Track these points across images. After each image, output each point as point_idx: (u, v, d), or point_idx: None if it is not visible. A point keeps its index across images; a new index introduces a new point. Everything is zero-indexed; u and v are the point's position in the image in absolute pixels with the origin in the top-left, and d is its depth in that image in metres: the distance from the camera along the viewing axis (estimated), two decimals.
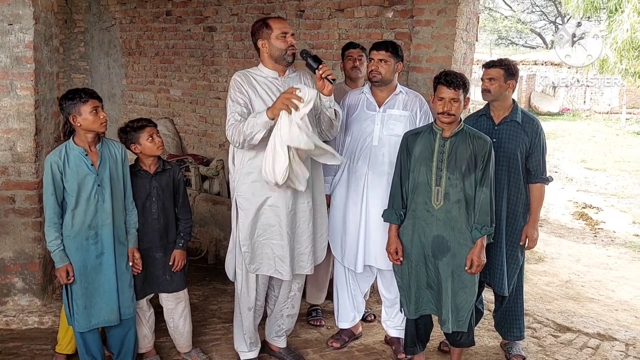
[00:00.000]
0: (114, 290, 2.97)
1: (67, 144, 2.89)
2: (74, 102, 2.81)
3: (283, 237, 3.10)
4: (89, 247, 2.91)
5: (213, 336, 3.74)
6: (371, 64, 3.36)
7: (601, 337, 4.03)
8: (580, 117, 21.00)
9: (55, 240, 2.87)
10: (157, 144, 3.12)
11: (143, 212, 3.14)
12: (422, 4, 4.36)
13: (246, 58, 5.98)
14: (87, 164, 2.87)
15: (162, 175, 3.19)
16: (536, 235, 3.46)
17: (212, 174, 5.78)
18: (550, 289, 5.15)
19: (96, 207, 2.89)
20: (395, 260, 3.14)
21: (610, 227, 8.01)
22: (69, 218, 2.88)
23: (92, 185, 2.88)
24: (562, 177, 11.33)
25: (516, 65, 3.50)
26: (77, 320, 2.94)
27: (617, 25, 13.26)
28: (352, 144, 3.45)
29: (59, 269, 2.88)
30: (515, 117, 3.39)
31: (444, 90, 2.93)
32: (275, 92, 3.07)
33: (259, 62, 3.19)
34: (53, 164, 2.83)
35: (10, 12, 3.53)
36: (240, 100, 3.04)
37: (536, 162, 3.38)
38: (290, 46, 3.06)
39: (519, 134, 3.35)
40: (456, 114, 2.95)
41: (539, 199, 3.44)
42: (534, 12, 32.16)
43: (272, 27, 3.05)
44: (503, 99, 3.40)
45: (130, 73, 7.49)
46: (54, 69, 3.98)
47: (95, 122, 2.84)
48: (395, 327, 3.60)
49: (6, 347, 3.49)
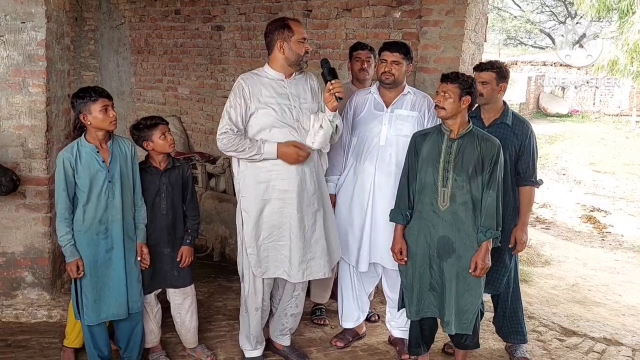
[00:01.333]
0: (122, 284, 3.02)
1: (79, 140, 2.93)
2: (85, 100, 2.85)
3: (291, 239, 3.12)
4: (99, 242, 2.95)
5: (218, 333, 3.77)
6: (384, 65, 3.35)
7: (607, 341, 4.02)
8: (589, 118, 20.87)
9: (66, 235, 2.91)
10: (169, 141, 3.16)
11: (152, 208, 3.17)
12: (430, 4, 4.37)
13: (253, 57, 6.01)
14: (99, 160, 2.91)
15: (171, 172, 3.23)
16: (525, 238, 3.45)
17: (218, 172, 5.81)
18: (556, 293, 5.14)
19: (107, 202, 2.94)
20: (400, 260, 3.15)
21: (618, 231, 7.97)
22: (80, 213, 2.91)
23: (103, 182, 2.92)
24: (570, 179, 11.29)
25: (507, 67, 3.50)
26: (86, 313, 2.98)
27: (628, 26, 13.17)
28: (358, 144, 3.46)
29: (70, 263, 2.92)
30: (505, 119, 3.38)
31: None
32: (282, 94, 3.09)
33: (266, 61, 3.19)
34: (65, 160, 2.87)
35: (23, 11, 3.57)
36: (237, 108, 3.06)
37: (526, 164, 3.37)
38: (307, 53, 3.09)
39: (508, 137, 3.34)
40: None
41: (529, 202, 3.43)
42: (544, 12, 31.97)
43: (294, 31, 3.04)
44: (494, 102, 3.40)
45: (139, 71, 7.54)
46: (65, 66, 4.02)
47: (105, 121, 2.88)
48: (400, 328, 3.61)
49: (15, 340, 3.53)
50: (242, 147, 3.02)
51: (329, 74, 3.06)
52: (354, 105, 3.52)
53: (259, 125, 3.08)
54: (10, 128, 3.67)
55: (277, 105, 3.07)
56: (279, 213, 3.11)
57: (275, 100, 3.07)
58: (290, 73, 3.15)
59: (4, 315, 3.76)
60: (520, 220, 3.42)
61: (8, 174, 3.50)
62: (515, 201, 3.40)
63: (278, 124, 3.07)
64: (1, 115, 3.65)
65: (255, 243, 3.15)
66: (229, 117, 3.07)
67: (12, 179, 3.50)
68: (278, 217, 3.11)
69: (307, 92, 3.17)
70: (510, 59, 24.63)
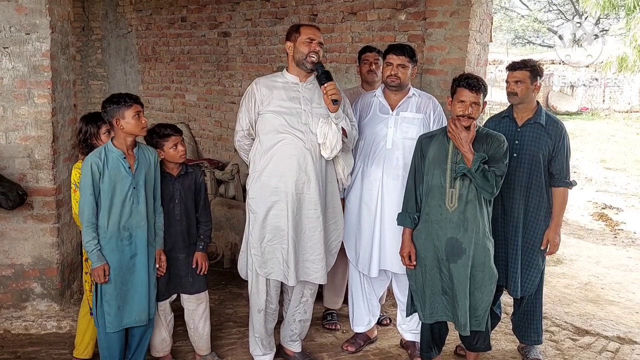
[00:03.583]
0: (145, 290, 3.04)
1: (106, 145, 2.95)
2: (119, 105, 2.88)
3: (288, 242, 3.13)
4: (124, 248, 2.96)
5: (229, 340, 3.76)
6: (389, 69, 3.34)
7: (621, 340, 3.98)
8: (599, 116, 20.70)
9: (93, 240, 2.91)
10: (179, 152, 3.17)
11: (167, 214, 3.19)
12: (434, 5, 4.36)
13: (260, 62, 6.01)
14: (125, 166, 2.93)
15: (184, 178, 3.25)
16: (558, 240, 3.40)
17: (227, 178, 5.81)
18: (569, 292, 5.08)
19: (131, 209, 2.95)
20: (408, 265, 3.13)
21: (631, 228, 7.87)
22: (104, 220, 2.92)
23: (128, 188, 2.93)
24: (582, 177, 11.18)
25: (541, 65, 3.46)
26: (108, 321, 2.98)
27: (635, 23, 13.07)
28: (365, 147, 3.44)
29: (96, 268, 2.91)
30: (539, 119, 3.34)
31: (465, 93, 2.90)
32: (293, 97, 3.13)
33: (285, 66, 3.27)
34: (93, 164, 2.88)
35: (27, 22, 3.59)
36: (251, 113, 3.18)
37: (559, 165, 3.33)
38: (312, 52, 3.09)
39: (542, 137, 3.31)
40: (475, 118, 2.92)
41: (562, 203, 3.38)
42: (551, 11, 31.81)
43: (301, 32, 3.12)
44: (528, 101, 3.35)
45: (146, 79, 7.57)
46: (71, 76, 4.04)
47: (137, 127, 2.91)
48: (411, 331, 3.58)
49: (25, 352, 3.53)
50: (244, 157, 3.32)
51: (323, 77, 3.06)
52: (359, 109, 3.51)
53: (267, 128, 3.13)
54: (17, 139, 3.69)
55: (285, 109, 3.10)
56: (282, 216, 3.12)
57: (285, 104, 3.11)
58: (306, 77, 3.17)
59: (13, 327, 3.76)
60: (553, 221, 3.38)
61: (14, 189, 3.51)
62: (549, 202, 3.37)
63: (283, 129, 3.09)
64: (7, 126, 3.67)
65: (260, 245, 3.17)
66: (241, 124, 3.24)
67: (19, 194, 3.52)
68: (280, 219, 3.13)
69: (321, 97, 3.17)
70: (519, 59, 24.47)
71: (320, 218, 3.18)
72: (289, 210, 3.10)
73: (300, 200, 3.12)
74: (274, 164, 3.11)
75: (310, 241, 3.18)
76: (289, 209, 3.10)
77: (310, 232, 3.18)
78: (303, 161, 3.10)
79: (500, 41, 29.07)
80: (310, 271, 3.23)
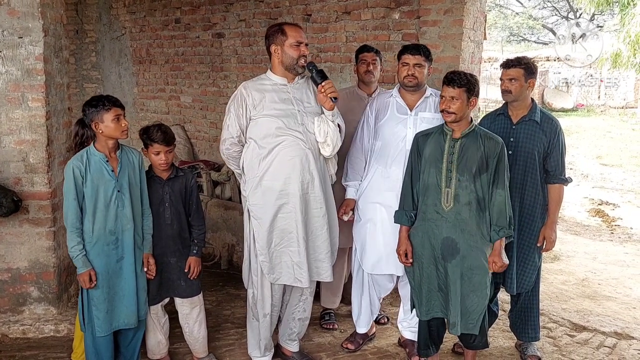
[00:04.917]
0: (133, 293, 3.02)
1: (88, 149, 2.93)
2: (98, 109, 2.85)
3: (299, 244, 3.11)
4: (110, 252, 2.95)
5: (227, 341, 3.76)
6: (406, 69, 3.31)
7: (618, 335, 3.99)
8: (594, 112, 20.75)
9: (77, 245, 2.89)
10: (160, 160, 3.12)
11: (156, 218, 3.17)
12: (428, 4, 4.36)
13: (254, 63, 6.00)
14: (108, 170, 2.91)
15: (174, 181, 3.22)
16: (554, 237, 3.41)
17: (223, 179, 5.80)
18: (566, 288, 5.09)
19: (116, 212, 2.93)
20: (405, 263, 3.13)
21: (627, 224, 7.89)
22: (88, 225, 2.90)
23: (112, 191, 2.91)
24: (578, 173, 11.21)
25: (535, 62, 3.46)
26: (97, 325, 2.97)
27: (629, 18, 13.10)
28: (383, 148, 3.40)
29: (82, 274, 2.90)
30: (533, 116, 3.34)
31: (444, 88, 2.95)
32: (285, 99, 3.10)
33: (268, 67, 3.21)
34: (75, 168, 2.87)
35: (20, 25, 3.57)
36: (241, 119, 3.11)
37: (555, 162, 3.34)
38: (302, 56, 3.07)
39: (537, 134, 3.31)
40: (456, 113, 2.92)
41: (558, 200, 3.39)
42: (545, 8, 31.87)
43: (288, 35, 3.06)
44: (523, 99, 3.36)
45: (141, 81, 7.55)
46: (65, 80, 4.03)
47: (117, 130, 2.89)
48: (410, 329, 3.58)
49: (23, 356, 3.53)
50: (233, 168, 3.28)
51: (319, 77, 3.05)
52: (375, 110, 3.47)
53: (263, 132, 3.08)
54: (11, 143, 3.68)
55: (281, 111, 3.07)
56: (289, 218, 3.11)
57: (279, 106, 3.08)
58: (293, 78, 3.15)
59: (11, 331, 3.75)
60: (549, 218, 3.38)
61: (9, 195, 3.50)
62: (544, 199, 3.37)
63: (281, 132, 3.07)
64: (1, 130, 3.66)
65: (268, 250, 3.15)
66: (228, 130, 3.15)
67: (14, 200, 3.51)
68: (288, 222, 3.12)
69: (310, 96, 3.17)
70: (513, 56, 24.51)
71: (326, 216, 3.19)
72: (298, 212, 3.09)
73: (307, 200, 3.12)
74: (276, 167, 3.08)
75: (319, 240, 3.18)
76: (298, 210, 3.09)
77: (318, 230, 3.18)
78: (305, 161, 3.10)
79: (495, 39, 29.14)
80: (320, 270, 3.23)
